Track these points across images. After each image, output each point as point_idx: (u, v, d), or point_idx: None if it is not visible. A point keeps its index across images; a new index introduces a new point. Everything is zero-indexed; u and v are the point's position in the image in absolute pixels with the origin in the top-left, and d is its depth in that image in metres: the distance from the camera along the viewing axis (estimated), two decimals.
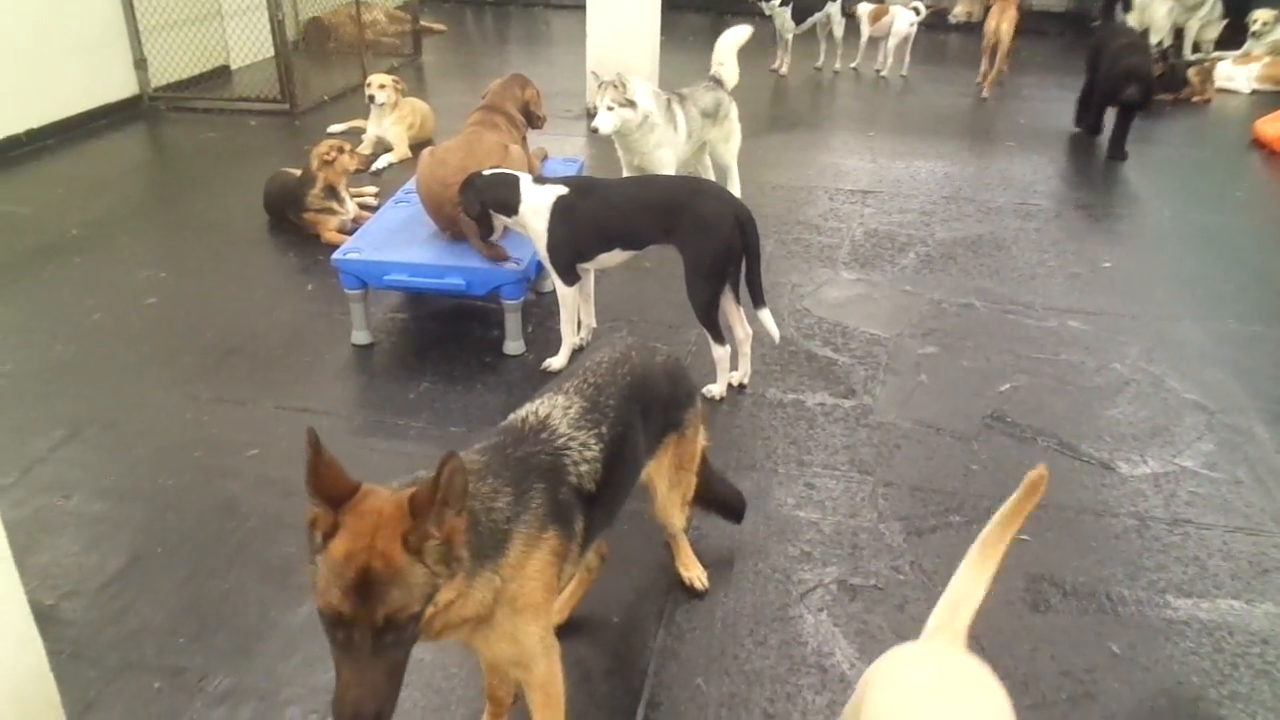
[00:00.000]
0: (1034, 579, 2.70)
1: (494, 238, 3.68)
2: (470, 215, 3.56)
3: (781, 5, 8.33)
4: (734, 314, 3.56)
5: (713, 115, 4.97)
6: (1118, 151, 6.41)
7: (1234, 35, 9.13)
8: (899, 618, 2.56)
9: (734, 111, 5.13)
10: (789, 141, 6.85)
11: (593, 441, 1.92)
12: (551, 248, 3.50)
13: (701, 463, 2.49)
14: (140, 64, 7.04)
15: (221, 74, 7.91)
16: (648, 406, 2.16)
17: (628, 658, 2.44)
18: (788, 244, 4.97)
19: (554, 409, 1.96)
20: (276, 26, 6.98)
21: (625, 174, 4.66)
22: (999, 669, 2.36)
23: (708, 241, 3.34)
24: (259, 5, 7.26)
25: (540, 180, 3.57)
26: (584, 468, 1.89)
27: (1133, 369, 3.82)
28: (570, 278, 3.58)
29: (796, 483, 3.11)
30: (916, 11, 8.60)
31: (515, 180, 3.51)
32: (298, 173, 4.95)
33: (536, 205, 3.47)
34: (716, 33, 5.25)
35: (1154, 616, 2.57)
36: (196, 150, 6.48)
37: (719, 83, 5.05)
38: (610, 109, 4.41)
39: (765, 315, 3.54)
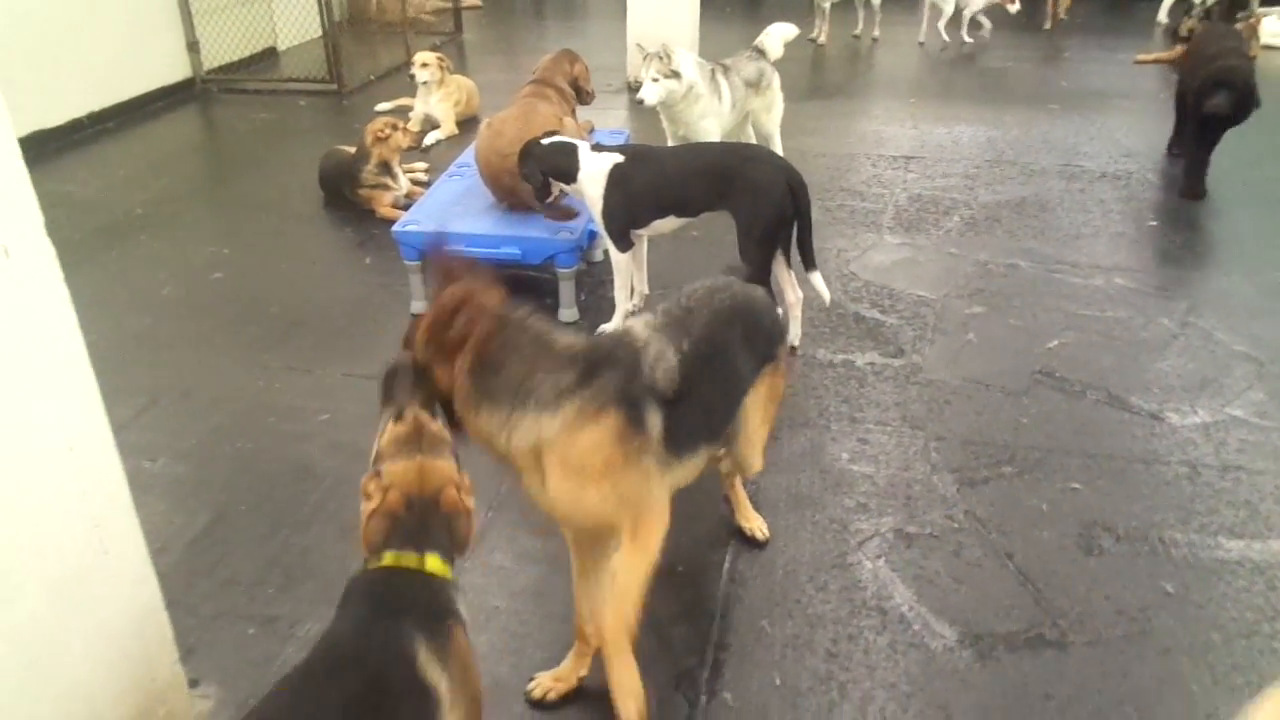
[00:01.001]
0: (1086, 525, 2.77)
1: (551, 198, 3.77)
2: (531, 184, 3.67)
3: None
4: (785, 278, 3.64)
5: (755, 85, 5.01)
6: (1194, 186, 5.10)
7: None
8: (955, 563, 2.64)
9: (776, 81, 5.17)
10: (829, 109, 6.87)
11: (670, 351, 2.01)
12: (607, 214, 3.60)
13: None
14: (193, 47, 7.22)
15: (269, 56, 8.08)
16: (749, 334, 2.26)
17: (696, 604, 2.55)
18: (832, 210, 5.02)
19: (640, 322, 2.11)
20: (324, 6, 7.10)
21: (671, 144, 4.73)
22: (1056, 609, 2.47)
23: (761, 206, 3.42)
24: None
25: (598, 148, 3.66)
26: (659, 372, 1.97)
27: (1180, 323, 3.85)
28: (624, 244, 3.68)
29: (850, 438, 3.20)
30: None
31: (574, 148, 3.61)
32: (352, 150, 5.08)
33: (594, 173, 3.56)
34: (754, 4, 5.29)
35: (1206, 558, 2.64)
36: (249, 131, 6.64)
37: (761, 53, 5.09)
38: (655, 80, 4.47)
39: (816, 278, 3.62)
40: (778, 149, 5.27)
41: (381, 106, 6.63)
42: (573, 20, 10.58)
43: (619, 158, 3.58)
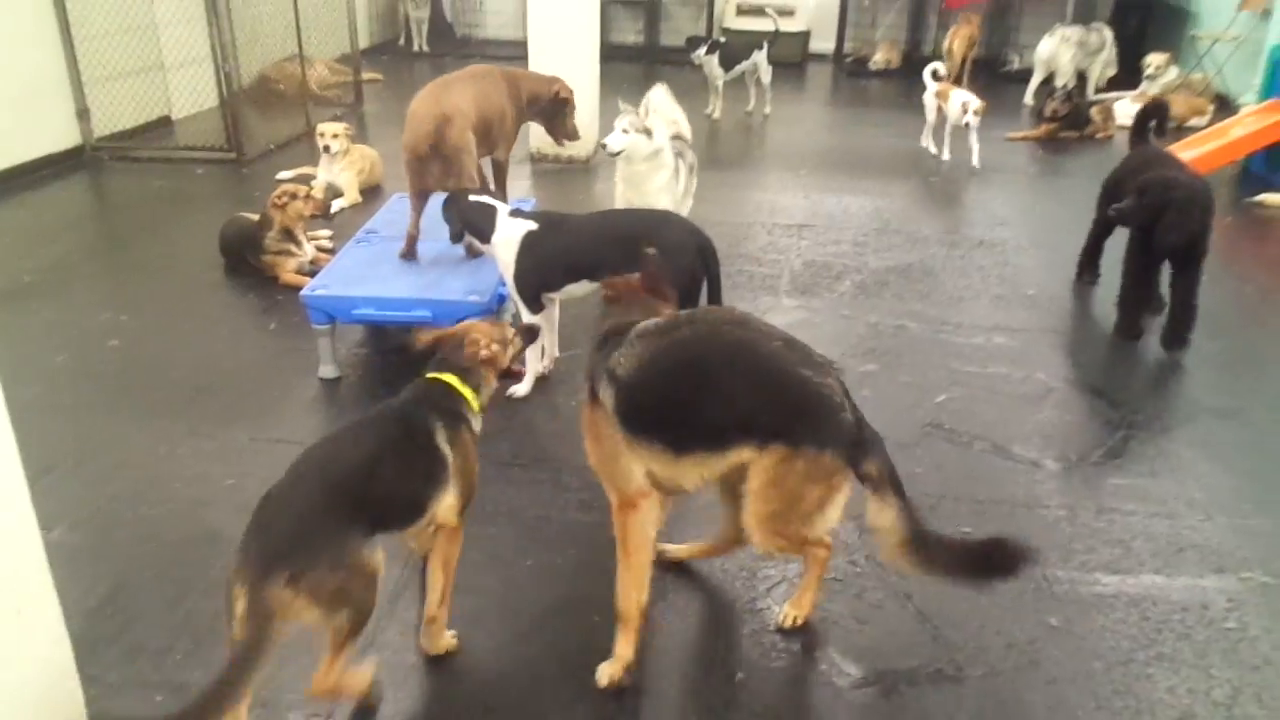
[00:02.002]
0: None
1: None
2: (450, 230, 3.88)
3: (709, 54, 8.76)
4: None
5: (693, 172, 5.15)
6: (1133, 324, 4.47)
7: (1129, 77, 9.80)
8: (858, 605, 2.77)
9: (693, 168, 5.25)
10: (725, 180, 7.16)
11: (638, 347, 2.37)
12: (519, 278, 3.70)
13: None
14: (83, 114, 7.09)
15: (163, 124, 7.98)
16: (746, 382, 2.39)
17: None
18: (731, 276, 5.22)
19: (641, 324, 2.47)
20: (224, 77, 7.09)
21: (618, 207, 4.74)
22: (952, 644, 2.61)
23: (671, 268, 3.56)
24: (201, 58, 7.38)
25: (515, 214, 3.78)
26: (617, 358, 2.37)
27: (1054, 377, 4.14)
28: (535, 307, 3.77)
29: None
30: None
31: (493, 211, 3.74)
32: (254, 217, 5.07)
33: (508, 238, 3.68)
34: (649, 81, 5.51)
35: (1086, 593, 2.83)
36: (144, 198, 6.53)
37: (684, 141, 5.16)
38: (625, 132, 4.48)
39: None
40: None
41: (283, 174, 6.62)
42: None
43: (533, 225, 3.70)
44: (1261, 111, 7.19)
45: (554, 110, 4.97)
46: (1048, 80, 9.69)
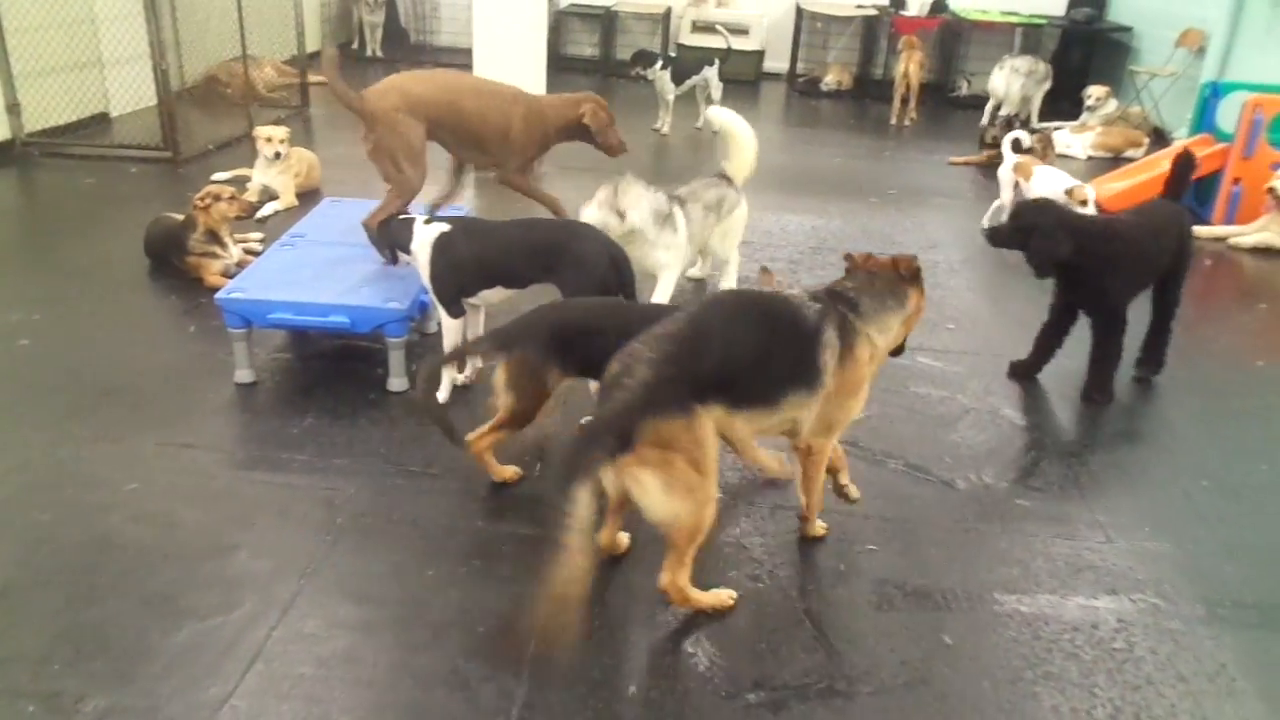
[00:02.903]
0: (880, 582, 2.96)
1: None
2: (385, 258, 4.18)
3: (661, 69, 8.81)
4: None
5: (715, 210, 4.85)
6: (1105, 385, 4.25)
7: (1071, 108, 10.00)
8: (757, 620, 2.77)
9: (741, 207, 5.02)
10: None
11: None
12: (435, 279, 3.75)
13: None
14: (13, 109, 6.93)
15: (100, 121, 7.83)
16: None
17: (504, 664, 2.56)
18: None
19: None
20: (160, 76, 6.98)
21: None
22: (847, 661, 2.62)
23: (585, 278, 3.56)
24: (141, 55, 7.24)
25: (429, 220, 3.83)
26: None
27: (973, 399, 4.19)
28: (455, 310, 3.77)
29: None
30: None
31: (411, 221, 3.83)
32: (180, 217, 4.99)
33: (422, 241, 3.73)
34: (602, 93, 5.53)
35: (983, 611, 2.85)
36: (74, 196, 6.40)
37: (725, 178, 4.98)
38: (597, 209, 4.23)
39: None
40: (732, 274, 5.16)
41: (218, 176, 6.53)
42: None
43: (446, 227, 3.74)
44: (1191, 146, 7.37)
45: (586, 132, 4.91)
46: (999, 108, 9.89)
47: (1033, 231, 4.01)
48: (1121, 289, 4.19)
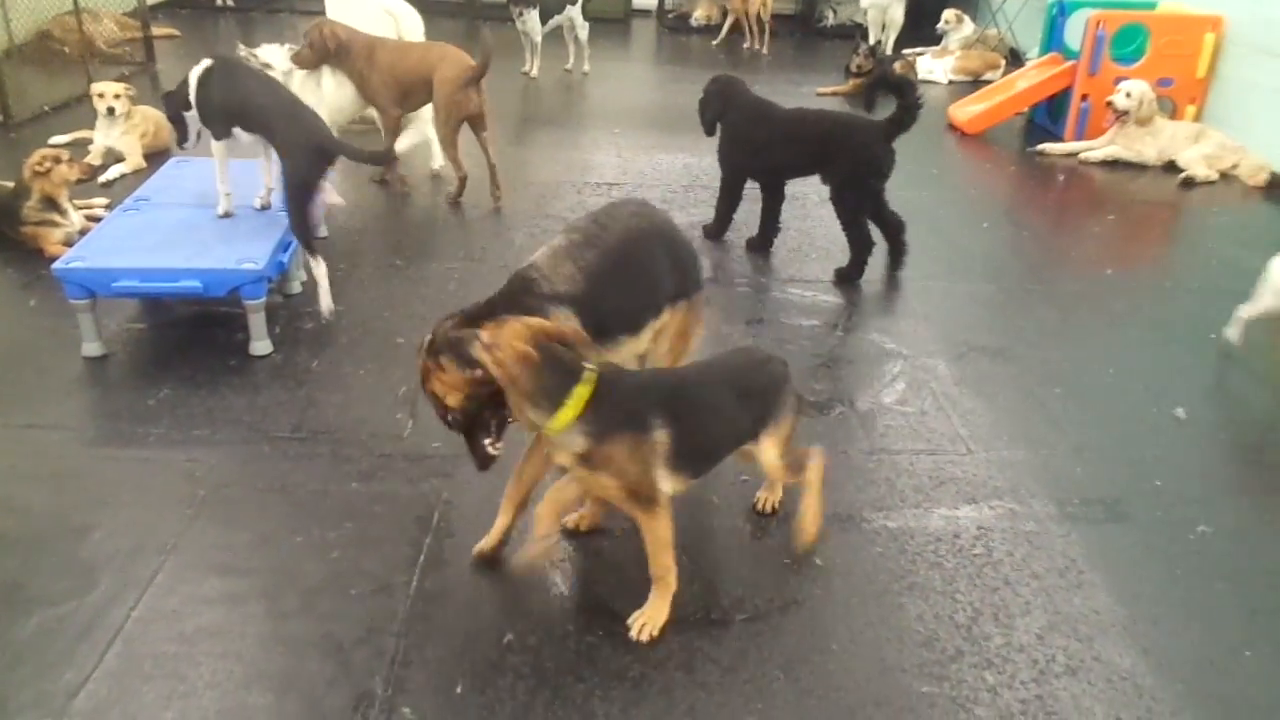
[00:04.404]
0: (746, 512, 3.02)
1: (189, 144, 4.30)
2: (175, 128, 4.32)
3: (530, 9, 8.58)
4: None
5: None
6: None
7: (933, 34, 10.19)
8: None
9: None
10: (539, 140, 7.06)
11: (569, 263, 2.69)
12: (199, 105, 4.11)
13: None
14: None
15: None
16: (667, 253, 2.91)
17: (379, 626, 2.53)
18: (536, 236, 5.16)
19: (543, 248, 2.76)
20: None
21: None
22: (723, 594, 2.67)
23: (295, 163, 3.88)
24: None
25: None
26: (558, 280, 2.64)
27: (845, 326, 4.28)
28: (219, 133, 4.14)
29: None
30: None
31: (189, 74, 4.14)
32: (10, 185, 4.66)
33: (190, 76, 4.11)
34: (470, 38, 5.38)
35: (853, 532, 2.95)
36: None
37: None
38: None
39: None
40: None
41: (57, 139, 6.11)
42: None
43: (209, 63, 4.10)
44: (1042, 65, 7.62)
45: None
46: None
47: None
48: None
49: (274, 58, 5.46)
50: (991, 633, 2.56)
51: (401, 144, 5.75)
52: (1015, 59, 9.58)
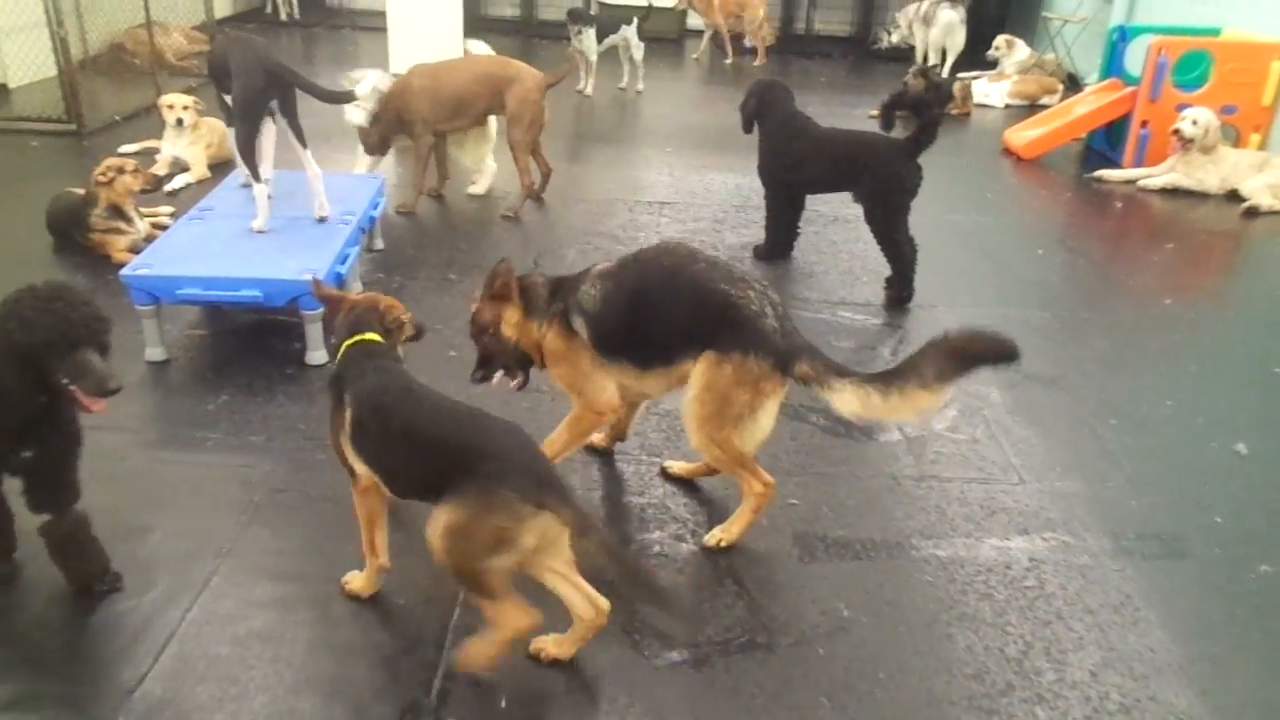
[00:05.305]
0: (800, 535, 3.01)
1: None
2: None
3: (587, 28, 8.69)
4: (302, 156, 4.45)
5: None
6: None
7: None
8: (681, 578, 2.80)
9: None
10: (592, 158, 7.13)
11: (596, 287, 2.89)
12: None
13: None
14: None
15: None
16: (686, 302, 2.86)
17: (424, 637, 2.55)
18: (589, 253, 5.20)
19: (599, 264, 2.99)
20: (60, 44, 6.69)
21: None
22: (769, 616, 2.65)
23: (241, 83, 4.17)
24: (38, 22, 6.92)
25: None
26: (583, 296, 2.89)
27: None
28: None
29: (590, 466, 3.32)
30: None
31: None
32: (82, 192, 4.81)
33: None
34: (525, 55, 5.46)
35: (901, 559, 2.92)
36: None
37: None
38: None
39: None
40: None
41: (126, 148, 6.31)
42: (343, 66, 10.40)
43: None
44: (1101, 90, 7.52)
45: None
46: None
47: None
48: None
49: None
50: (1043, 668, 2.52)
51: (481, 186, 6.00)
52: (1074, 84, 9.48)
